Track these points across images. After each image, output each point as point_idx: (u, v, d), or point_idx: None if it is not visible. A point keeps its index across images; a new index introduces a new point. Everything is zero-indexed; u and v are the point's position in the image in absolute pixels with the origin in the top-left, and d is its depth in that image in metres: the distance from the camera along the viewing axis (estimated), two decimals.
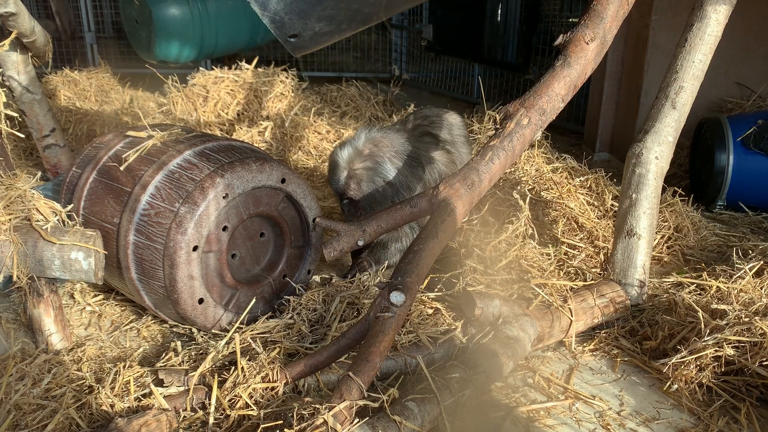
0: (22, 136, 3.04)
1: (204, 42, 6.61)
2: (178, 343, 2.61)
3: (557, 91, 2.62)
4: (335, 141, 5.26)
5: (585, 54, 2.64)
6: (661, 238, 3.62)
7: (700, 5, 3.07)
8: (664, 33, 4.64)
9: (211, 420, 2.15)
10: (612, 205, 3.72)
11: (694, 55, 3.07)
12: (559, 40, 2.71)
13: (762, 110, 4.58)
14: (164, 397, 2.21)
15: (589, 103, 5.75)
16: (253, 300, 2.77)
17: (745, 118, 4.26)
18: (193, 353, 2.53)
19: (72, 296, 3.11)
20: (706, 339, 2.49)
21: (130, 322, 2.95)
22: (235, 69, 5.75)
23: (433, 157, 3.40)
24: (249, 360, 2.33)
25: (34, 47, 3.52)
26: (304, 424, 1.87)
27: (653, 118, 3.12)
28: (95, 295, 3.14)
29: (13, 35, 3.23)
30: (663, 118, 3.09)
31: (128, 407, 2.20)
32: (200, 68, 5.89)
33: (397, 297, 2.10)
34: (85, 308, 3.05)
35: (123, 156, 2.81)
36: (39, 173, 2.92)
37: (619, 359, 2.73)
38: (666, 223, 3.69)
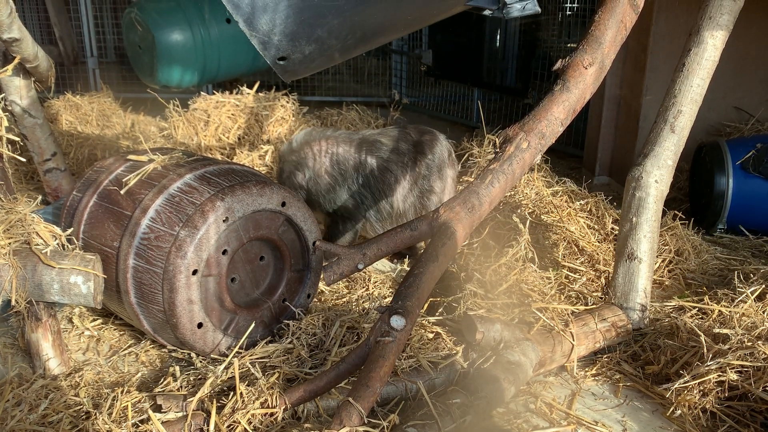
0: (23, 160, 3.04)
1: (206, 67, 6.65)
2: (177, 368, 2.59)
3: (556, 115, 2.63)
4: None
5: (584, 78, 2.66)
6: (662, 261, 3.61)
7: (697, 31, 3.11)
8: (662, 57, 4.68)
9: None
10: (612, 228, 3.71)
11: (692, 80, 3.09)
12: (558, 64, 2.73)
13: (760, 134, 4.61)
14: (162, 422, 2.18)
15: (588, 127, 5.77)
16: (253, 324, 2.75)
17: (743, 141, 4.28)
18: (191, 378, 2.51)
19: (70, 320, 3.09)
20: (708, 363, 2.47)
21: (129, 346, 2.93)
22: (237, 93, 5.79)
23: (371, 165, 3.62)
24: (248, 385, 2.31)
25: (36, 72, 3.55)
26: None
27: (652, 142, 3.13)
28: (94, 320, 3.12)
29: (16, 60, 3.25)
30: (662, 141, 3.10)
31: None
32: (202, 93, 5.93)
33: (397, 321, 2.09)
34: (83, 333, 3.03)
35: (123, 180, 2.81)
36: (39, 197, 2.92)
37: (621, 384, 2.71)
38: (667, 247, 3.68)
